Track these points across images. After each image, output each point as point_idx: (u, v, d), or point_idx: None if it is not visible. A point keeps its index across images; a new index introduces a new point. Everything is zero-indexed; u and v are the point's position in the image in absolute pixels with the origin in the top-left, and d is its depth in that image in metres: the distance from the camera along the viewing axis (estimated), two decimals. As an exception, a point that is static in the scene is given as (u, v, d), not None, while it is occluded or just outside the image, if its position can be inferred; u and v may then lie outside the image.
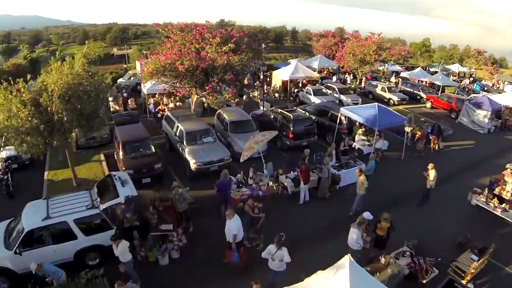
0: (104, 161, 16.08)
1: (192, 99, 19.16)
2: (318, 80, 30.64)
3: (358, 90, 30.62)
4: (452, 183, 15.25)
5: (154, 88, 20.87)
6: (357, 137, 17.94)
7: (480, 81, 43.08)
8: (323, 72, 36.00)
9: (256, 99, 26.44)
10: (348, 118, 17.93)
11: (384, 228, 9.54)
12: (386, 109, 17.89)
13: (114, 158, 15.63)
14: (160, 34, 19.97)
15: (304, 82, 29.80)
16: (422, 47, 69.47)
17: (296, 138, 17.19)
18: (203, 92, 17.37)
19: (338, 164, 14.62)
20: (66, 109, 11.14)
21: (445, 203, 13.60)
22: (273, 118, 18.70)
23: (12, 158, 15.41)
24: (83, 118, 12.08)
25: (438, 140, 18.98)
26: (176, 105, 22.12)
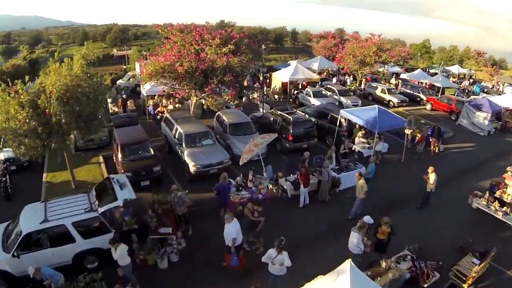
0: (103, 163, 16.00)
1: (192, 101, 19.08)
2: (318, 82, 30.59)
3: (358, 92, 30.55)
4: (453, 186, 15.19)
5: (154, 90, 20.81)
6: (357, 140, 17.87)
7: (480, 83, 43.02)
8: (323, 74, 35.97)
9: (256, 101, 26.39)
10: (348, 121, 17.86)
11: (385, 232, 9.47)
12: (386, 112, 17.84)
13: (113, 160, 15.57)
14: (160, 35, 19.90)
15: (304, 84, 29.75)
16: (422, 48, 69.47)
17: (296, 141, 17.11)
18: (203, 94, 17.29)
19: (338, 167, 14.54)
20: (64, 111, 11.06)
21: (446, 206, 13.55)
22: (273, 120, 18.64)
23: (11, 160, 15.32)
24: (82, 120, 12.00)
25: (438, 143, 18.93)
26: (175, 107, 22.07)
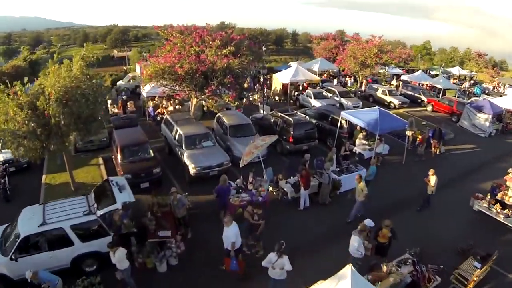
0: (103, 165, 15.91)
1: (192, 103, 19.04)
2: (319, 83, 30.54)
3: (359, 93, 30.49)
4: (454, 188, 15.13)
5: (154, 91, 20.77)
6: (358, 141, 17.81)
7: (481, 84, 42.97)
8: (324, 75, 35.92)
9: (256, 103, 26.31)
10: (349, 122, 17.79)
11: (386, 236, 9.39)
12: (387, 113, 17.77)
13: (113, 162, 15.50)
14: (161, 37, 19.81)
15: (305, 85, 29.69)
16: (423, 50, 69.54)
17: (297, 143, 17.04)
18: (203, 96, 17.24)
19: (339, 169, 14.47)
20: (64, 113, 10.98)
21: (447, 209, 13.48)
22: (273, 122, 18.58)
23: (10, 161, 15.23)
24: (81, 122, 11.93)
25: (439, 144, 18.85)
26: (176, 108, 22.03)
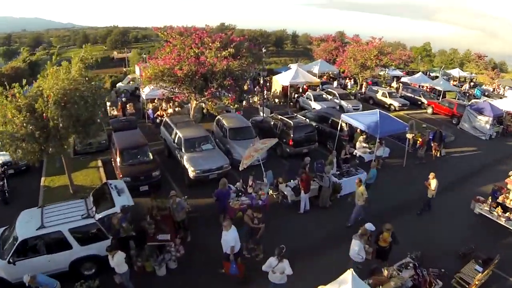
0: (102, 168, 15.84)
1: (191, 105, 18.97)
2: (319, 85, 30.51)
3: (359, 96, 30.42)
4: (454, 191, 15.07)
5: (153, 93, 20.70)
6: (358, 144, 17.73)
7: (481, 86, 42.94)
8: (324, 77, 35.89)
9: (256, 105, 26.28)
10: (349, 125, 17.74)
11: (387, 240, 9.33)
12: (388, 116, 17.70)
13: (112, 165, 15.43)
14: (160, 38, 19.77)
15: (305, 87, 29.64)
16: (423, 52, 69.51)
17: (297, 145, 16.96)
18: (202, 98, 17.18)
19: (339, 172, 14.41)
20: (62, 115, 10.91)
21: (448, 212, 13.42)
22: (273, 125, 18.50)
23: (9, 164, 15.15)
24: (80, 125, 11.84)
25: (440, 147, 18.79)
26: (175, 111, 21.97)
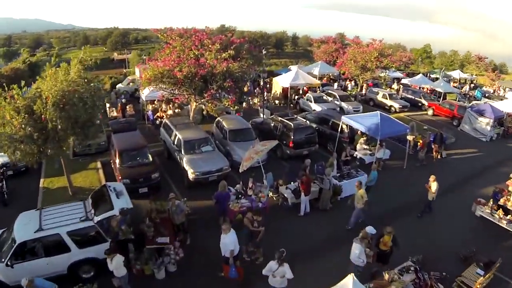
0: (101, 169, 15.79)
1: (191, 106, 18.92)
2: (319, 87, 30.46)
3: (359, 97, 30.39)
4: (455, 193, 15.01)
5: (153, 95, 20.66)
6: (359, 146, 17.67)
7: (481, 88, 42.90)
8: (324, 79, 35.83)
9: (256, 106, 26.22)
10: (350, 127, 17.67)
11: (387, 243, 9.26)
12: (389, 118, 17.63)
13: (111, 166, 15.34)
14: (161, 39, 19.76)
15: (305, 89, 29.59)
16: (423, 53, 69.50)
17: (297, 147, 16.90)
18: (202, 100, 17.12)
19: (340, 174, 14.32)
20: (61, 117, 10.86)
21: (449, 214, 13.34)
22: (273, 127, 18.43)
23: (7, 165, 15.09)
24: (78, 126, 11.79)
25: (441, 149, 18.73)
26: (175, 112, 21.91)
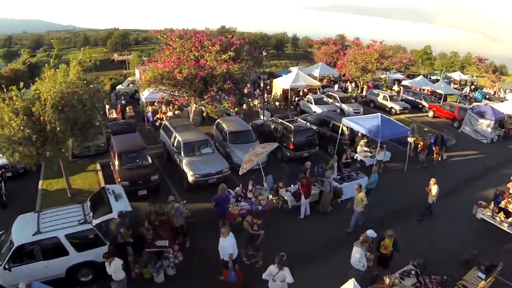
0: (100, 171, 15.73)
1: (191, 108, 18.85)
2: (319, 89, 30.38)
3: (360, 99, 30.31)
4: (456, 195, 14.95)
5: (153, 96, 20.59)
6: (359, 148, 17.61)
7: (482, 89, 42.80)
8: (324, 81, 35.77)
9: (256, 108, 26.15)
10: (350, 129, 17.61)
11: (388, 247, 9.19)
12: (389, 120, 17.57)
13: (110, 168, 15.28)
14: (161, 41, 19.71)
15: (305, 91, 29.51)
16: (423, 55, 69.40)
17: (297, 149, 16.82)
18: (202, 101, 17.05)
19: (340, 177, 14.26)
20: (59, 119, 10.80)
21: (449, 217, 13.28)
22: (274, 129, 18.36)
23: (6, 167, 15.00)
24: (77, 128, 11.73)
25: (441, 151, 18.65)
26: (175, 114, 21.85)
